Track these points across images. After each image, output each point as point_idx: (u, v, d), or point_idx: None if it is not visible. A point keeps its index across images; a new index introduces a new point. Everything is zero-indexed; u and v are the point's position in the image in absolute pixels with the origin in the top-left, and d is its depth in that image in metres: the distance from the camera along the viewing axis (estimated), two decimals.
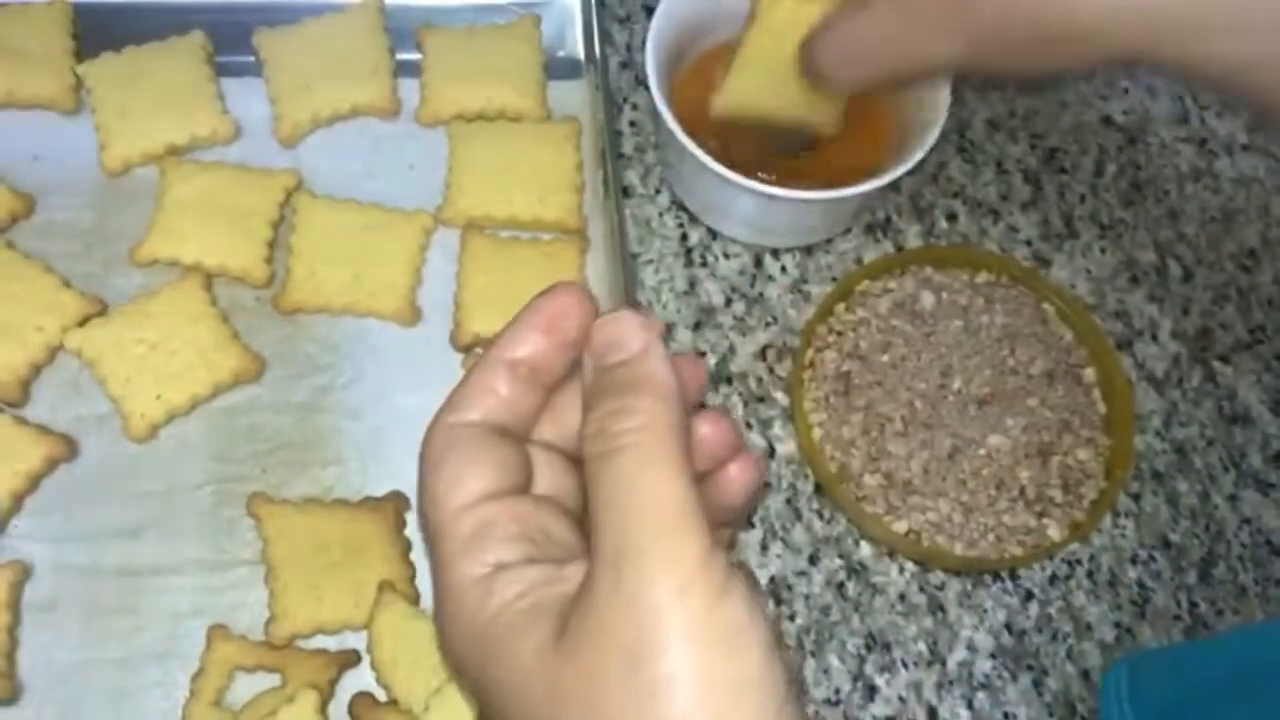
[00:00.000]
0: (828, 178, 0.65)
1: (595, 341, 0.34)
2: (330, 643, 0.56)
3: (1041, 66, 0.47)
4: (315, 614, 0.56)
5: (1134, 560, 0.63)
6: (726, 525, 0.39)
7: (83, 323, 0.60)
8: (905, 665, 0.59)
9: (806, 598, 0.60)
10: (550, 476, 0.37)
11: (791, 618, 0.59)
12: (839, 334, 0.64)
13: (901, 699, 0.58)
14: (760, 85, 0.58)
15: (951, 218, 0.70)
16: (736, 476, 0.37)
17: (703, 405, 0.39)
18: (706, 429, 0.35)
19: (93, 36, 0.67)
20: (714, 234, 0.68)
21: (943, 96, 0.62)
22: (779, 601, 0.60)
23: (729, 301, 0.66)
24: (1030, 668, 0.60)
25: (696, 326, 0.66)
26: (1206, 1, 0.41)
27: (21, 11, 0.67)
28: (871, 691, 0.58)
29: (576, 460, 0.37)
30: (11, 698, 0.54)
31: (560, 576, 0.32)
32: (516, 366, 0.36)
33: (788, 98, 0.59)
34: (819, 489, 0.62)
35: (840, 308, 0.65)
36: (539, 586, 0.32)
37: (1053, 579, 0.62)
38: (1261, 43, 0.41)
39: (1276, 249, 0.72)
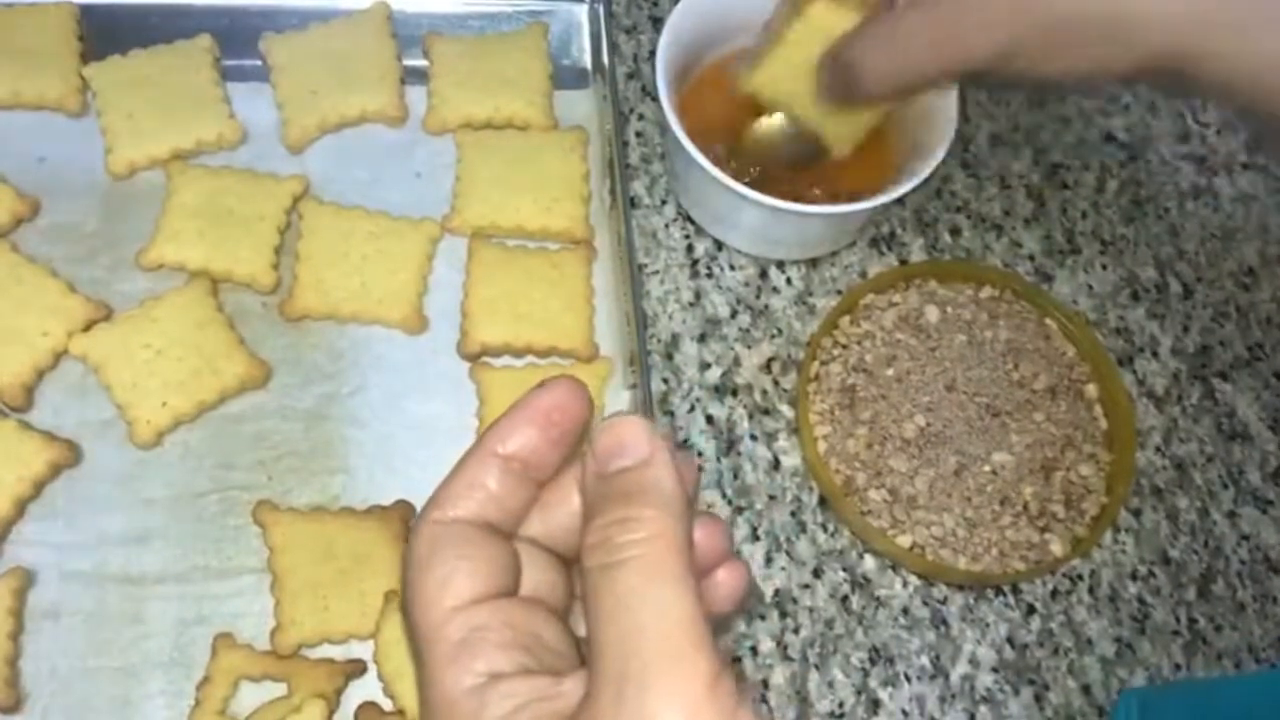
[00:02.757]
0: (834, 192, 0.65)
1: (599, 445, 0.33)
2: (336, 652, 0.56)
3: (1079, 67, 0.46)
4: (321, 623, 0.56)
5: (1134, 576, 0.63)
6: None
7: (88, 327, 0.60)
8: (908, 679, 0.59)
9: (810, 611, 0.60)
10: (537, 575, 0.35)
11: (795, 631, 0.60)
12: (844, 347, 0.64)
13: (905, 712, 0.59)
14: (792, 82, 0.58)
15: (955, 232, 0.71)
16: (725, 582, 0.35)
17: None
18: (699, 535, 0.33)
19: (99, 39, 0.67)
20: (720, 245, 0.68)
21: (949, 114, 0.63)
22: (783, 614, 0.60)
23: (734, 313, 0.67)
24: (1032, 682, 0.60)
25: (702, 338, 0.66)
26: None
27: (28, 13, 0.66)
28: (875, 705, 0.59)
29: (563, 558, 0.36)
30: (14, 706, 0.53)
31: (557, 692, 0.31)
32: (508, 461, 0.34)
33: (812, 105, 0.59)
34: (823, 502, 0.62)
35: (845, 321, 0.65)
36: (534, 702, 0.30)
37: (1054, 594, 0.62)
38: None
39: (1276, 267, 0.72)
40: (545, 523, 0.36)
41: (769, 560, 0.61)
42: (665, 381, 0.64)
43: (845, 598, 0.61)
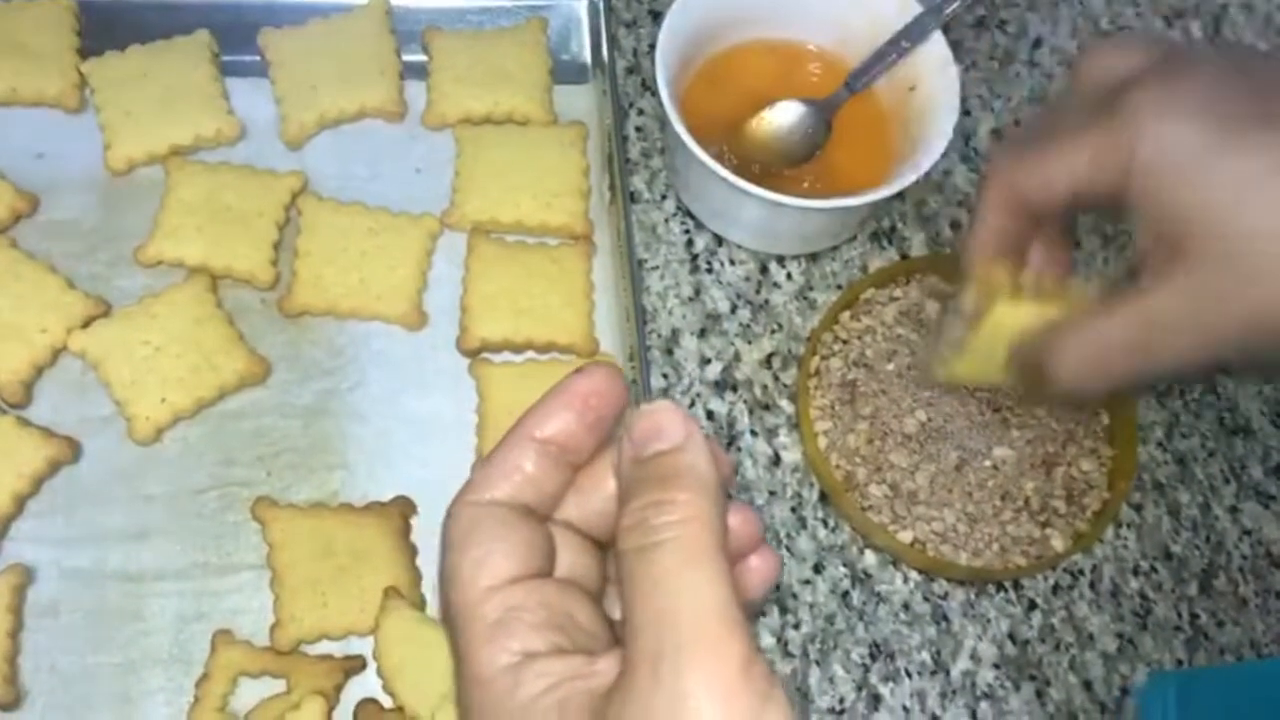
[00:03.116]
0: (834, 185, 0.65)
1: (636, 430, 0.33)
2: (336, 648, 0.56)
3: None
4: (321, 619, 0.55)
5: (1136, 571, 0.63)
6: None
7: (87, 324, 0.60)
8: (909, 674, 0.59)
9: (811, 606, 0.60)
10: (572, 557, 0.36)
11: (796, 626, 0.59)
12: (844, 342, 0.64)
13: (905, 708, 0.59)
14: (981, 370, 0.54)
15: (956, 226, 0.70)
16: (758, 569, 0.36)
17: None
18: (734, 521, 0.34)
19: (97, 35, 0.67)
20: (720, 240, 0.68)
21: (950, 108, 0.62)
22: (784, 610, 0.60)
23: (734, 308, 0.66)
24: (1033, 678, 0.60)
25: (702, 333, 0.65)
26: None
27: (26, 9, 0.66)
28: (876, 700, 0.58)
29: (597, 542, 0.36)
30: (14, 703, 0.53)
31: (591, 671, 0.31)
32: (545, 445, 0.35)
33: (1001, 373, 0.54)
34: (824, 498, 0.62)
35: (846, 315, 0.65)
36: (568, 680, 0.31)
37: (1055, 589, 0.62)
38: None
39: None
40: (580, 506, 0.36)
41: None
42: (665, 377, 0.64)
43: (846, 593, 0.61)
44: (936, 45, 0.64)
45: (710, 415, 0.64)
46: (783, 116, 0.66)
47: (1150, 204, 0.44)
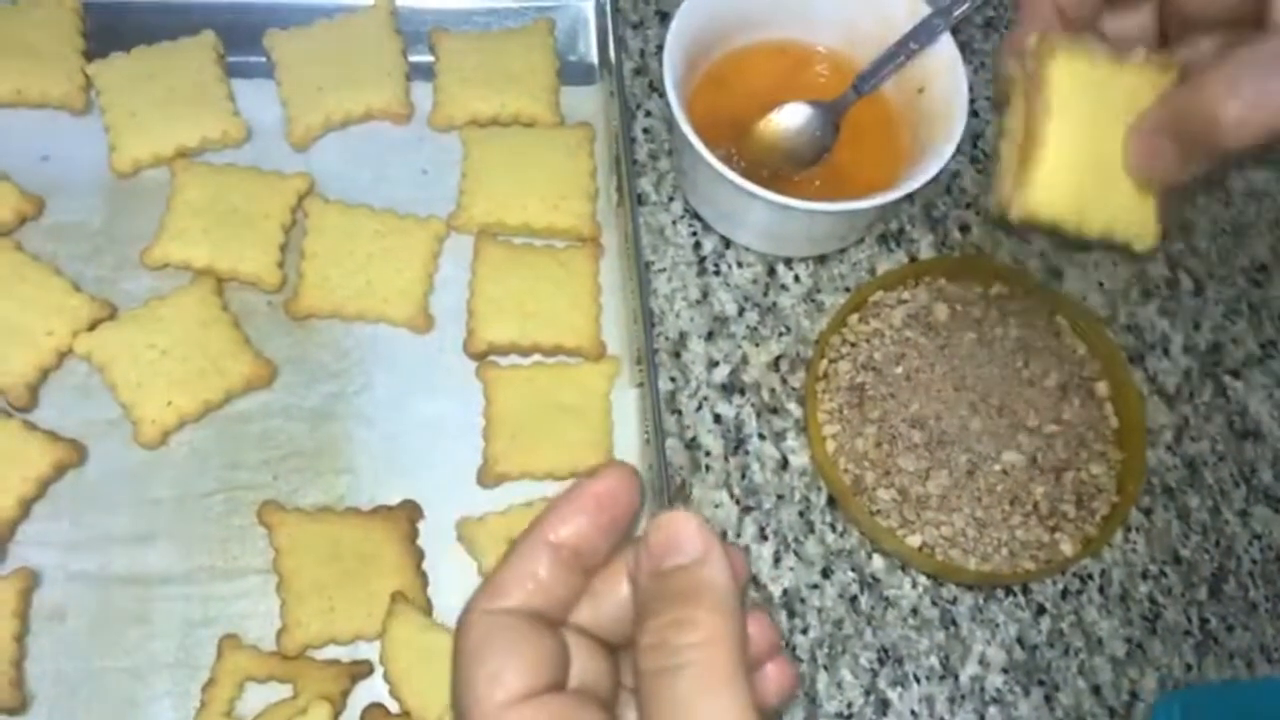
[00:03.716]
0: (843, 187, 0.65)
1: (653, 542, 0.33)
2: (342, 653, 0.56)
3: None
4: (327, 624, 0.55)
5: (1145, 575, 0.63)
6: None
7: (92, 327, 0.60)
8: (918, 679, 0.59)
9: (819, 611, 0.60)
10: (584, 663, 0.35)
11: (804, 631, 0.59)
12: (852, 345, 0.64)
13: (914, 713, 0.58)
14: (1076, 186, 0.48)
15: (965, 229, 0.70)
16: (774, 677, 0.35)
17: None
18: (751, 630, 0.34)
19: (103, 36, 0.67)
20: (727, 243, 0.67)
21: (959, 110, 0.62)
22: (791, 614, 0.59)
23: (742, 311, 0.66)
24: (1042, 683, 0.60)
25: (709, 336, 0.65)
26: None
27: (32, 11, 0.66)
28: (884, 706, 0.58)
29: (610, 646, 0.36)
30: (20, 708, 0.53)
31: None
32: (559, 549, 0.34)
33: (1109, 204, 0.49)
34: (832, 501, 0.62)
35: (854, 318, 0.65)
36: None
37: (1064, 594, 0.62)
38: None
39: None
40: (594, 610, 0.36)
41: (777, 560, 0.61)
42: (673, 380, 0.64)
43: (854, 598, 0.60)
44: (945, 47, 0.64)
45: (718, 418, 0.63)
46: (790, 119, 0.66)
47: None
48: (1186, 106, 0.46)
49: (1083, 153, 0.47)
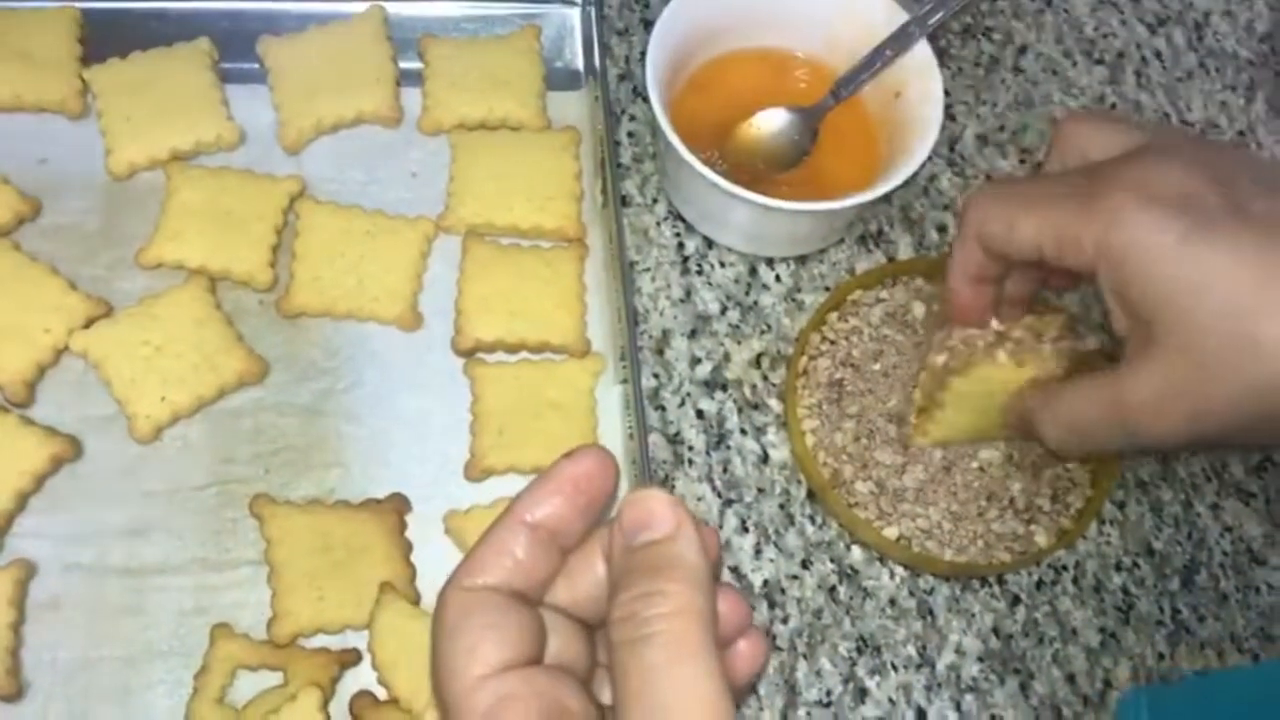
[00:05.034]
0: (822, 189, 0.66)
1: (626, 519, 0.34)
2: (332, 642, 0.57)
3: (1273, 441, 0.47)
4: (317, 613, 0.57)
5: (1118, 567, 0.64)
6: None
7: (88, 325, 0.61)
8: (895, 668, 0.60)
9: (799, 601, 0.61)
10: (562, 642, 0.36)
11: (784, 621, 0.61)
12: (832, 342, 0.65)
13: (891, 701, 0.60)
14: (966, 423, 0.60)
15: (942, 229, 0.72)
16: (746, 653, 0.36)
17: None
18: (722, 606, 0.35)
19: (99, 42, 0.68)
20: (710, 243, 0.69)
21: (934, 115, 0.64)
22: (772, 605, 0.61)
23: (724, 309, 0.68)
24: (1017, 671, 0.61)
25: (692, 334, 0.67)
26: None
27: (29, 16, 0.67)
28: (862, 694, 0.60)
29: (587, 625, 0.37)
30: (16, 695, 0.54)
31: None
32: (536, 529, 0.35)
33: (995, 427, 0.59)
34: (811, 495, 0.63)
35: (833, 316, 0.66)
36: None
37: (1039, 585, 0.63)
38: None
39: None
40: (570, 590, 0.36)
41: (758, 552, 0.62)
42: (656, 377, 0.65)
43: (833, 588, 0.62)
44: (921, 52, 0.66)
45: (700, 414, 0.65)
46: (770, 123, 0.67)
47: (1123, 290, 0.46)
48: (1023, 416, 0.55)
49: (969, 414, 0.58)
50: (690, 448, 0.64)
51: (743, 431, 0.65)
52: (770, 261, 0.69)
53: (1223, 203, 0.44)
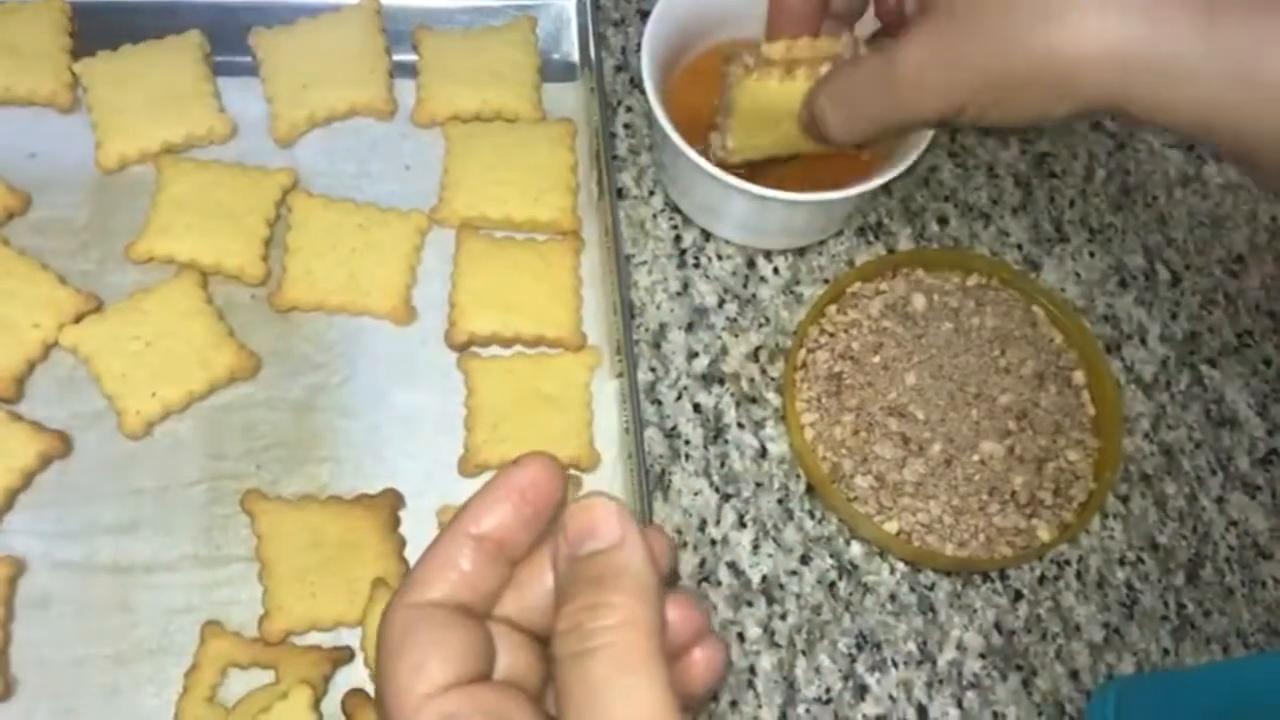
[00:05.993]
0: (820, 180, 0.65)
1: (571, 528, 0.33)
2: (324, 639, 0.56)
3: (1024, 115, 0.48)
4: (309, 610, 0.56)
5: (1122, 561, 0.63)
6: (689, 710, 0.37)
7: (78, 319, 0.61)
8: (895, 664, 0.59)
9: (798, 597, 0.60)
10: (511, 657, 0.35)
11: (783, 617, 0.60)
12: (831, 335, 0.64)
13: (892, 698, 0.59)
14: (765, 139, 0.60)
15: (943, 221, 0.71)
16: (701, 662, 0.35)
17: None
18: (674, 614, 0.34)
19: (89, 34, 0.68)
20: (707, 235, 0.68)
21: None
22: (770, 601, 0.60)
23: (722, 302, 0.67)
24: (1019, 667, 0.60)
25: (689, 327, 0.66)
26: (1170, 51, 0.42)
27: (19, 9, 0.67)
28: (862, 690, 0.59)
29: (538, 638, 0.36)
30: (3, 693, 0.54)
31: None
32: (481, 541, 0.34)
33: (789, 139, 0.59)
34: (810, 489, 0.63)
35: (832, 309, 0.65)
36: None
37: (1042, 579, 0.62)
38: (1219, 90, 0.42)
39: (1264, 254, 0.72)
40: (519, 602, 0.36)
41: (756, 547, 0.61)
42: (653, 370, 0.65)
43: (832, 584, 0.61)
44: None
45: (697, 408, 0.64)
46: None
47: None
48: (808, 106, 0.55)
49: (764, 118, 0.59)
50: (687, 442, 0.63)
51: (740, 425, 0.64)
52: (768, 254, 0.68)
53: None
